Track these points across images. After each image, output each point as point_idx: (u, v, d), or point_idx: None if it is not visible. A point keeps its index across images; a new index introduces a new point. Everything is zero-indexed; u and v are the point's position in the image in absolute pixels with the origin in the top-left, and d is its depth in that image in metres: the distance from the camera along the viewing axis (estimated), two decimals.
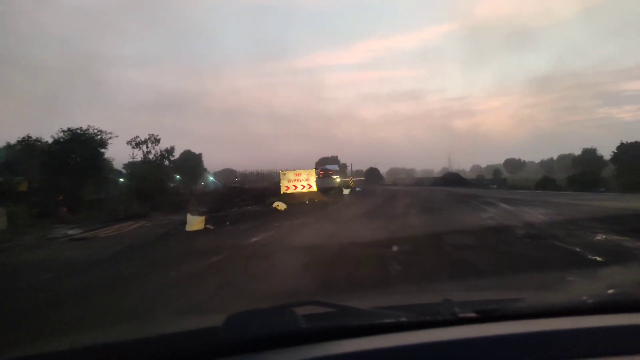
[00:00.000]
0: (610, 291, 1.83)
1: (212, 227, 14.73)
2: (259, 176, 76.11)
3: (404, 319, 1.47)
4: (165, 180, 38.41)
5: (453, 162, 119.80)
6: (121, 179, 28.60)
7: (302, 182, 31.34)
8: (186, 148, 67.46)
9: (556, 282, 4.54)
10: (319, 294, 5.31)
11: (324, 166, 64.00)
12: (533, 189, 37.37)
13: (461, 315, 1.48)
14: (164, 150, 38.68)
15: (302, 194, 30.31)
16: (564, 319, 1.46)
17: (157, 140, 37.83)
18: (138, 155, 38.14)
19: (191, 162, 62.85)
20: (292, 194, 30.06)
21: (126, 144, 37.53)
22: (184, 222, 14.56)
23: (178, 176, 51.85)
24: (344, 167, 64.11)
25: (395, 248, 8.54)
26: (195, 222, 14.38)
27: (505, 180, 58.18)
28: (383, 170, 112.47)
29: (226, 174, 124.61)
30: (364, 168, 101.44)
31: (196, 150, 68.53)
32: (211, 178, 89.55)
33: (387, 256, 7.84)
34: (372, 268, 7.07)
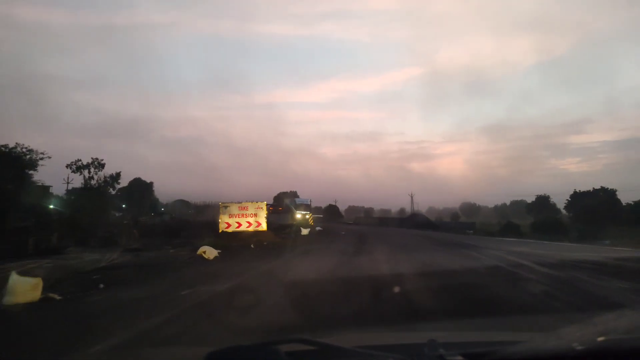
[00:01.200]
0: (601, 338, 1.75)
1: (57, 298, 7.71)
2: (212, 208, 71.62)
3: None
4: (107, 209, 35.07)
5: (410, 203, 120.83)
6: (51, 206, 25.30)
7: (248, 218, 25.02)
8: (137, 176, 63.67)
9: (546, 326, 4.30)
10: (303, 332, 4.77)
11: (294, 199, 62.18)
12: (499, 235, 36.31)
13: (447, 358, 1.43)
14: (108, 177, 35.71)
15: (247, 234, 23.97)
16: None
17: (101, 165, 34.88)
18: (77, 180, 34.89)
19: (140, 191, 59.00)
20: (233, 234, 23.93)
21: (66, 168, 34.37)
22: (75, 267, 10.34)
23: (124, 205, 48.11)
24: (304, 205, 61.06)
25: None
26: (20, 289, 7.13)
27: (474, 224, 54.76)
28: (341, 208, 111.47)
29: (179, 205, 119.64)
30: (322, 205, 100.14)
31: (147, 179, 64.62)
32: (162, 209, 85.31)
33: None
34: None
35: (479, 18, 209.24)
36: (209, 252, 14.98)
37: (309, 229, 29.74)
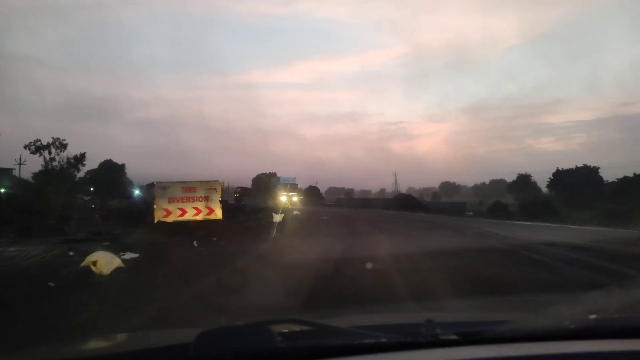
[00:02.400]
0: (592, 316, 1.80)
1: None
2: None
3: (383, 340, 1.42)
4: (70, 192, 32.57)
5: (391, 184, 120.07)
6: (1, 190, 22.88)
7: (196, 202, 17.49)
8: (109, 158, 60.47)
9: (539, 306, 3.90)
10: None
11: (279, 178, 58.48)
12: (486, 216, 34.58)
13: (442, 337, 1.46)
14: (72, 158, 33.07)
15: (194, 225, 16.90)
16: (546, 344, 1.45)
17: (63, 146, 32.22)
18: (37, 162, 32.20)
19: (112, 174, 56.03)
20: (176, 224, 16.84)
21: (23, 149, 31.59)
22: None
23: (92, 189, 45.38)
24: (290, 185, 55.62)
25: None
26: None
27: (465, 204, 49.90)
28: (322, 189, 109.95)
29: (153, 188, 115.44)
30: (302, 186, 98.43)
31: (120, 161, 61.47)
32: (137, 191, 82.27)
33: None
34: None
35: None
36: (104, 264, 8.20)
37: (282, 215, 22.63)
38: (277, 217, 21.82)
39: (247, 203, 39.64)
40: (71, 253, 10.31)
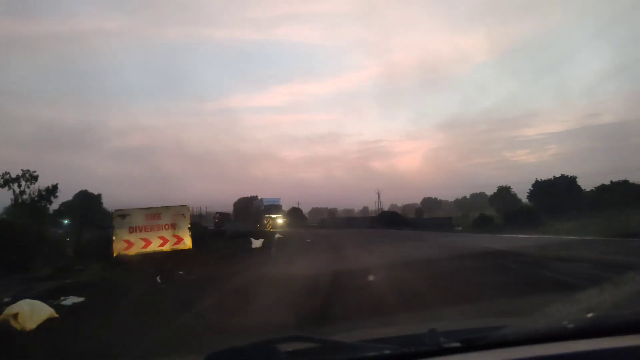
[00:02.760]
0: (590, 315, 1.81)
1: None
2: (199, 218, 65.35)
3: (387, 352, 1.43)
4: (42, 225, 31.20)
5: (374, 201, 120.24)
6: None
7: (162, 231, 15.49)
8: (85, 188, 58.73)
9: (534, 308, 4.19)
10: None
11: (262, 200, 53.82)
12: (475, 230, 32.87)
13: (446, 345, 1.46)
14: (43, 190, 31.72)
15: (160, 256, 14.82)
16: (548, 345, 1.45)
17: (34, 178, 30.83)
18: (6, 196, 30.78)
19: (87, 205, 54.35)
20: (138, 257, 14.93)
21: None
22: None
23: (66, 221, 43.80)
24: (274, 207, 51.79)
25: None
26: None
27: (451, 219, 47.01)
28: (304, 210, 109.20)
29: None
30: (285, 208, 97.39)
31: (98, 191, 59.83)
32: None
33: None
34: None
35: (431, 14, 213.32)
36: (28, 316, 6.37)
37: (262, 240, 20.13)
38: (257, 243, 19.48)
39: (228, 228, 37.84)
40: (6, 299, 8.29)
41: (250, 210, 55.21)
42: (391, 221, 51.11)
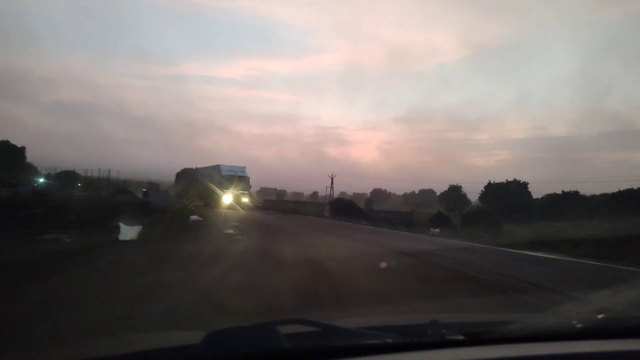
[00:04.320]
0: (600, 316, 1.76)
1: None
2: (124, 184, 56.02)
3: (389, 340, 1.41)
4: None
5: (325, 187, 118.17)
6: None
7: None
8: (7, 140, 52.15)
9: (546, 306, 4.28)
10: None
11: (219, 166, 36.83)
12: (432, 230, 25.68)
13: (448, 337, 1.44)
14: None
15: None
16: (554, 344, 1.44)
17: None
18: None
19: (6, 157, 48.24)
20: None
21: None
22: None
23: None
24: (237, 178, 35.26)
25: None
26: None
27: (411, 213, 41.38)
28: (253, 189, 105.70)
29: (65, 176, 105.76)
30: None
31: (19, 143, 53.48)
32: (41, 179, 73.03)
33: None
34: None
35: (404, 5, 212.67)
36: None
37: (135, 231, 11.69)
38: (128, 233, 11.39)
39: (155, 200, 28.66)
40: None
41: (197, 181, 42.68)
42: (347, 211, 40.22)
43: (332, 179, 64.52)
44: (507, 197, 44.55)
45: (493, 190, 48.91)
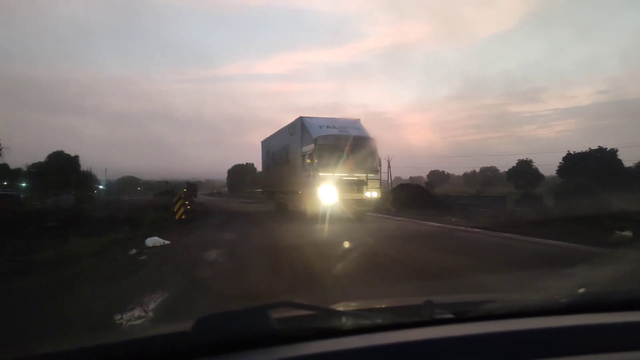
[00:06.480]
0: (581, 290, 1.79)
1: None
2: (167, 185, 57.44)
3: (379, 321, 1.44)
4: None
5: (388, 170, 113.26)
6: None
7: None
8: (84, 157, 52.51)
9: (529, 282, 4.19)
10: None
11: (302, 121, 16.85)
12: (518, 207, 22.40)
13: (439, 316, 1.47)
14: None
15: None
16: (538, 319, 1.46)
17: None
18: None
19: (63, 167, 48.42)
20: None
21: None
22: None
23: (24, 184, 38.17)
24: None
25: None
26: None
27: (505, 197, 33.46)
28: None
29: (126, 182, 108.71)
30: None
31: (92, 157, 54.04)
32: (100, 186, 74.85)
33: None
34: None
35: None
36: None
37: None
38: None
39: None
40: None
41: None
42: (415, 199, 27.09)
43: (388, 162, 58.67)
44: (594, 168, 38.38)
45: (574, 162, 42.71)
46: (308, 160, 15.92)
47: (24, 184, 39.03)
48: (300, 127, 17.42)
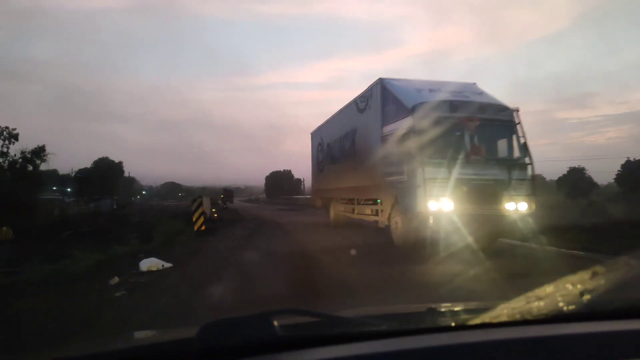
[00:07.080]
0: (586, 297, 1.70)
1: None
2: (204, 191, 58.71)
3: (383, 328, 1.44)
4: (30, 191, 26.20)
5: None
6: None
7: None
8: (127, 163, 54.28)
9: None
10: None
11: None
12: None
13: (442, 324, 1.48)
14: (28, 152, 26.67)
15: None
16: (541, 327, 1.45)
17: (13, 136, 25.87)
18: None
19: (106, 172, 49.83)
20: None
21: None
22: None
23: (69, 189, 39.23)
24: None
25: None
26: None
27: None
28: None
29: (169, 188, 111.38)
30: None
31: (134, 163, 55.93)
32: (143, 192, 76.98)
33: None
34: None
35: None
36: None
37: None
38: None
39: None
40: None
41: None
42: None
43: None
44: None
45: (635, 169, 39.52)
46: (399, 147, 9.68)
47: (69, 189, 40.19)
48: (379, 96, 10.98)
